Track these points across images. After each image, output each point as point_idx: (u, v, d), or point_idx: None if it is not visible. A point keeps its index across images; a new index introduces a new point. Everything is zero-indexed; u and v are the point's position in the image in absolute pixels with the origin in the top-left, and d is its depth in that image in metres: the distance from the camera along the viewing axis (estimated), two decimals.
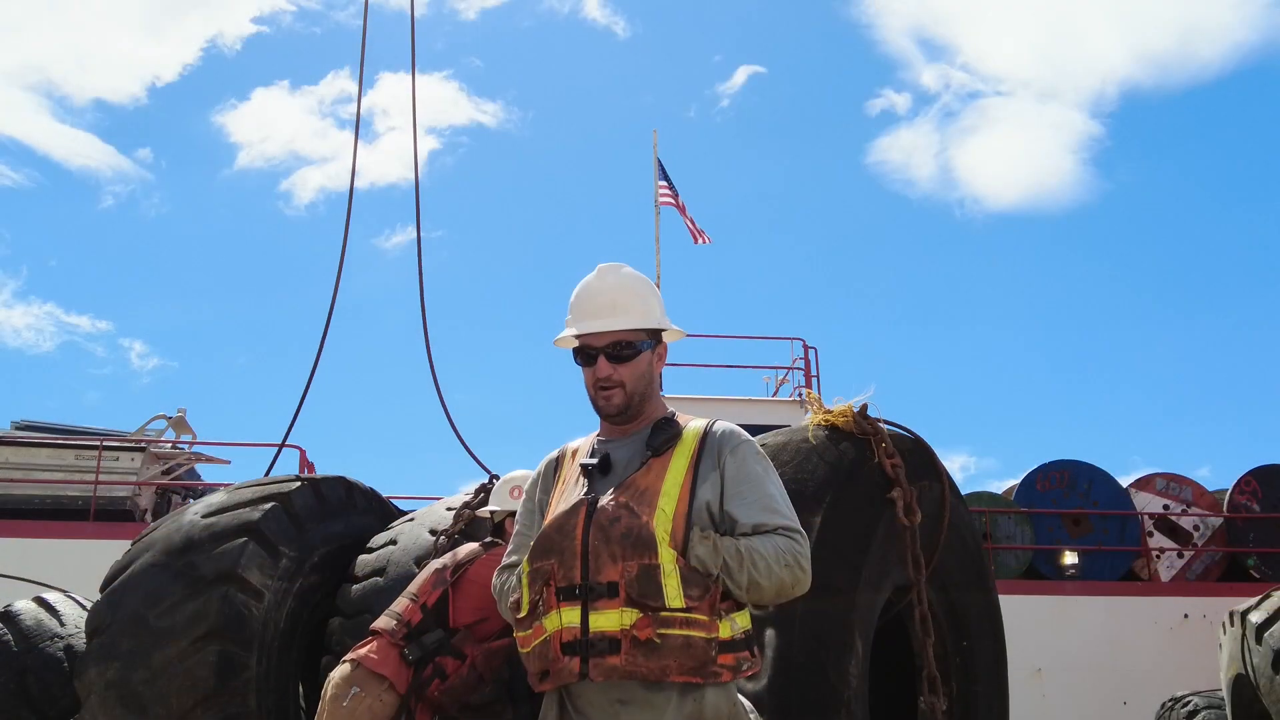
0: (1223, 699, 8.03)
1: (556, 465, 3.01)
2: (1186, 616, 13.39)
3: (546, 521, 2.77)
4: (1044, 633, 12.83)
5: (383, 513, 5.09)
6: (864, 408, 4.03)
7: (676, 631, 2.58)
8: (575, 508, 2.70)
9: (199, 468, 13.92)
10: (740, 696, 2.80)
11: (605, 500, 2.69)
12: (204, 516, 4.55)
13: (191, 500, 12.11)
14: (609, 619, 2.58)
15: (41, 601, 5.76)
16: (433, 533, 4.35)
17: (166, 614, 4.25)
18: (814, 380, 15.66)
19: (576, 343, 2.94)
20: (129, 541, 4.85)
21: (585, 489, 2.79)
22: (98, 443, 12.86)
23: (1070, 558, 14.25)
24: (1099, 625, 13.27)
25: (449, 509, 4.49)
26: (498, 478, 4.58)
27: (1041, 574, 14.23)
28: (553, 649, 2.61)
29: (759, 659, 2.75)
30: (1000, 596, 13.40)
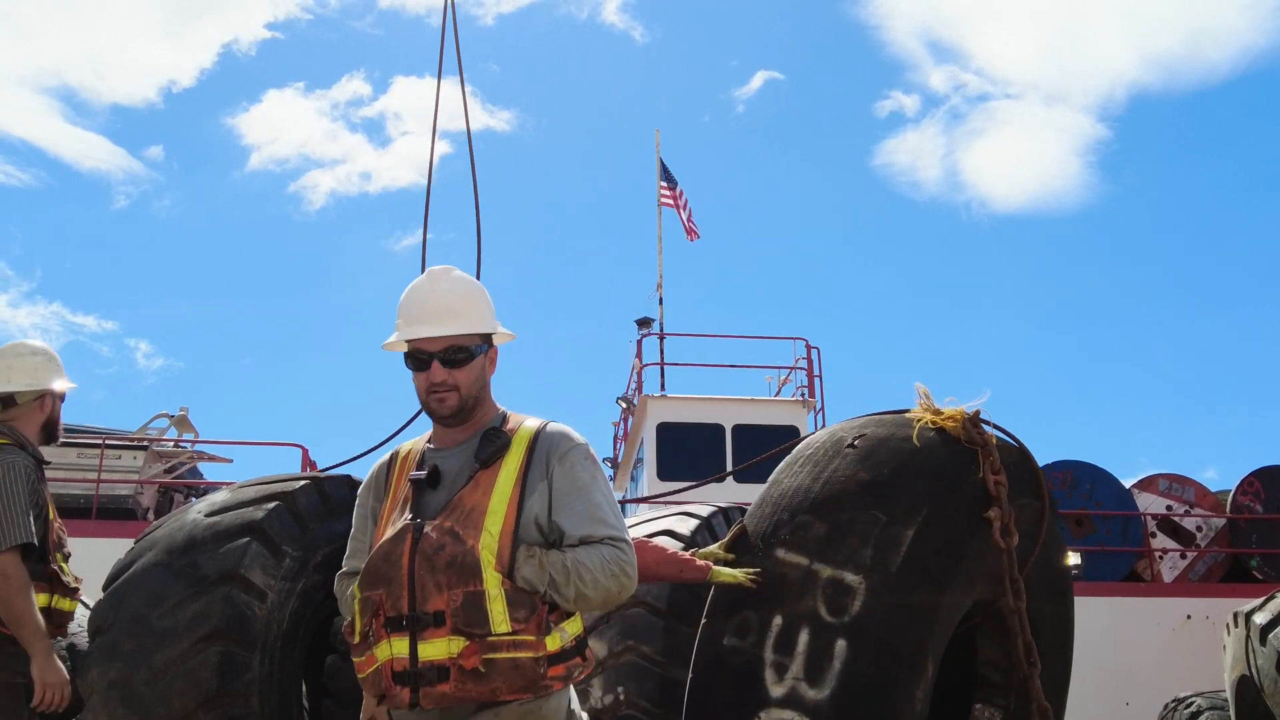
0: (1226, 700, 8.00)
1: (388, 471, 2.99)
2: (1189, 617, 13.37)
3: (375, 547, 2.77)
4: None
5: None
6: (976, 414, 3.76)
7: (504, 655, 2.61)
8: (401, 534, 2.71)
9: (201, 466, 13.91)
10: (578, 709, 2.84)
11: (430, 527, 2.69)
12: (206, 515, 4.53)
13: (194, 499, 12.10)
14: (437, 648, 2.62)
15: None
16: None
17: (169, 614, 4.23)
18: (816, 380, 15.64)
19: (406, 347, 2.91)
20: (131, 540, 4.83)
21: (411, 508, 2.77)
22: (100, 441, 12.84)
23: (1072, 558, 14.19)
24: (1101, 626, 13.22)
25: None
26: None
27: None
28: (384, 678, 2.66)
29: (590, 661, 2.80)
30: None
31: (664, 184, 18.67)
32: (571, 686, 2.77)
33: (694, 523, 4.46)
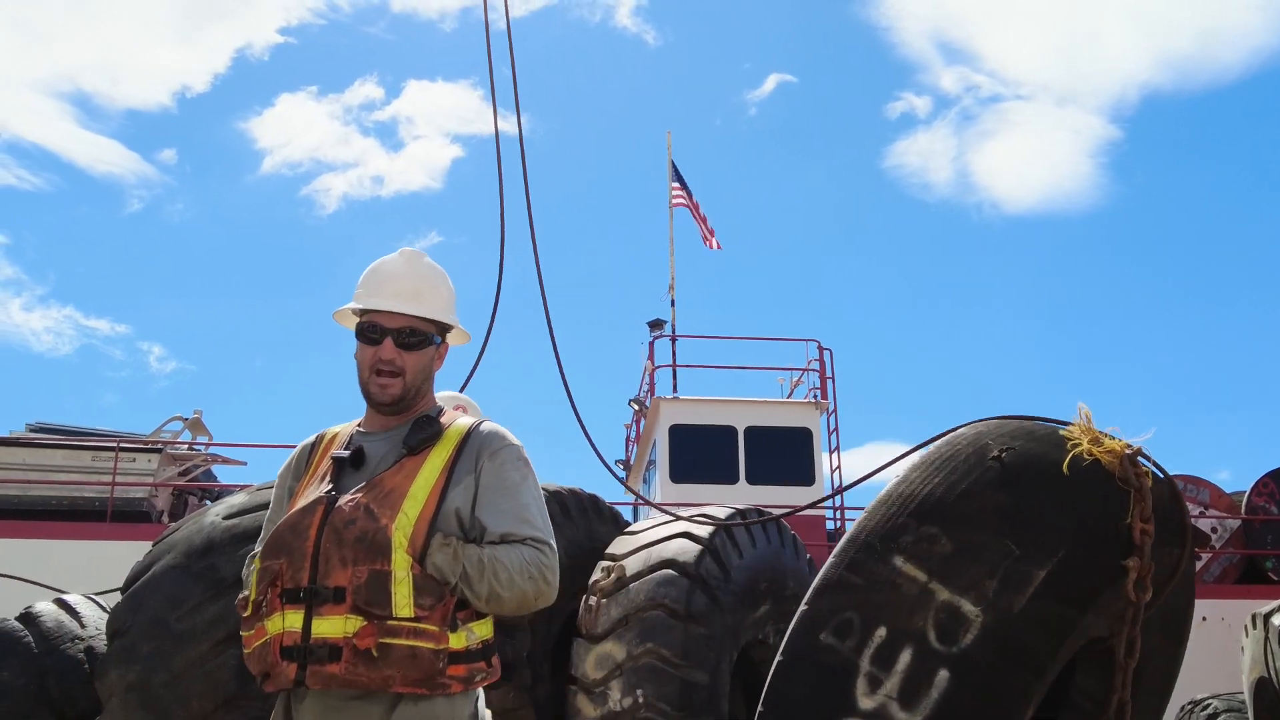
0: (1244, 702, 7.98)
1: (311, 451, 2.86)
2: (1204, 619, 13.30)
3: (283, 518, 2.65)
4: None
5: None
6: (1136, 452, 3.42)
7: (402, 641, 2.48)
8: (312, 506, 2.60)
9: (215, 469, 13.93)
10: (487, 711, 2.72)
11: (344, 500, 2.57)
12: (225, 518, 4.54)
13: (209, 502, 12.14)
14: (332, 625, 2.48)
15: (62, 603, 5.75)
16: None
17: (187, 617, 4.24)
18: (829, 382, 15.61)
19: (357, 319, 2.81)
20: (146, 543, 4.84)
21: (330, 484, 2.65)
22: (114, 444, 12.88)
23: None
24: None
25: None
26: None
27: None
28: (272, 653, 2.51)
29: (495, 669, 2.66)
30: None
31: (675, 185, 18.66)
32: (481, 695, 2.66)
33: (711, 525, 4.45)
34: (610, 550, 4.46)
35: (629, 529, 4.68)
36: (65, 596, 5.91)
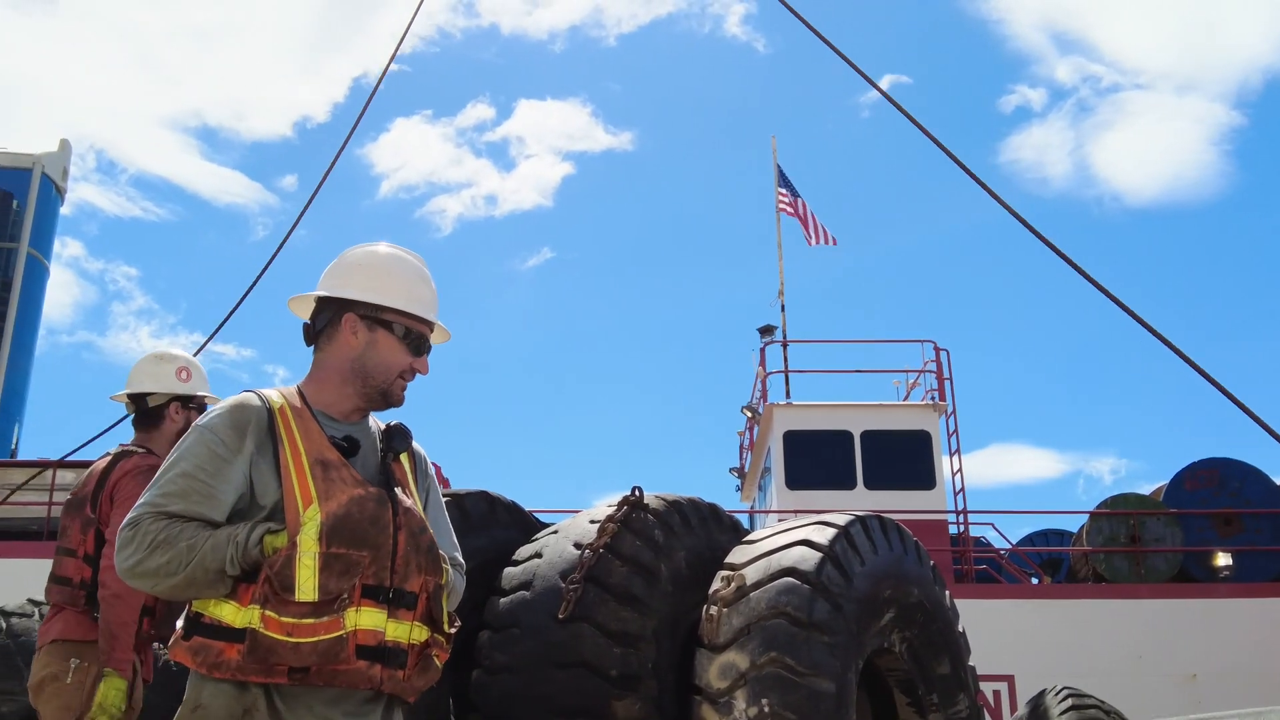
0: None
1: (270, 418, 2.55)
2: None
3: (345, 502, 2.44)
4: (1197, 637, 12.44)
5: (525, 526, 5.12)
6: None
7: (439, 654, 2.57)
8: (382, 500, 2.50)
9: None
10: None
11: (409, 503, 2.57)
12: None
13: None
14: (402, 630, 2.47)
15: None
16: (577, 546, 4.37)
17: None
18: (946, 383, 15.38)
19: (423, 327, 2.75)
20: None
21: (358, 475, 2.54)
22: None
23: (1223, 559, 13.78)
24: (1254, 628, 12.76)
25: (592, 521, 4.50)
26: (639, 489, 4.55)
27: (1193, 576, 13.77)
28: (348, 649, 2.37)
29: None
30: (1151, 600, 12.94)
31: (782, 190, 18.57)
32: None
33: (832, 532, 4.42)
34: (729, 559, 4.45)
35: (748, 537, 4.66)
36: None
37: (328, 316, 2.72)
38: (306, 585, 2.35)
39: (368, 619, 2.41)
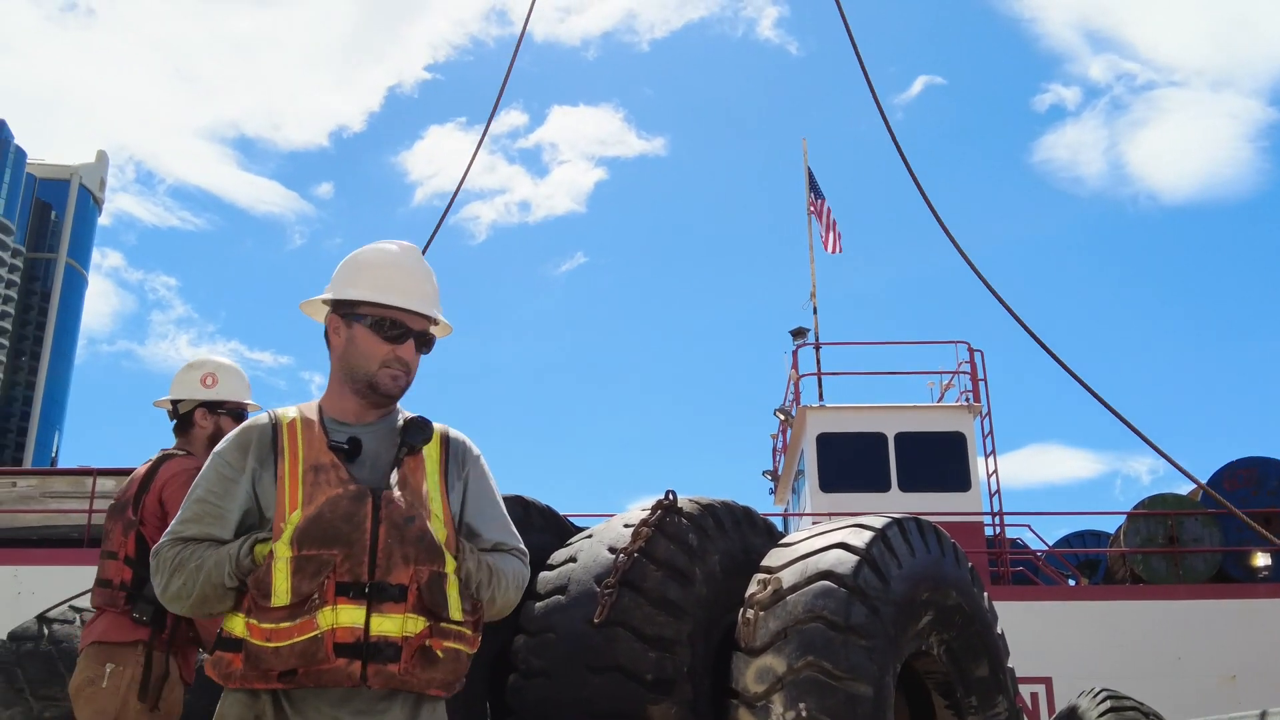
0: None
1: (274, 434, 2.62)
2: None
3: (320, 503, 2.47)
4: (1236, 637, 12.33)
5: (560, 530, 5.12)
6: None
7: (451, 644, 2.52)
8: (360, 495, 2.50)
9: None
10: None
11: (396, 495, 2.53)
12: None
13: None
14: (393, 624, 2.44)
15: None
16: (611, 550, 4.36)
17: None
18: (980, 384, 15.29)
19: (394, 314, 2.71)
20: None
21: (346, 475, 2.54)
22: None
23: (1262, 559, 13.64)
24: None
25: (626, 525, 4.50)
26: (673, 493, 4.55)
27: (1231, 577, 13.64)
28: (325, 648, 2.38)
29: None
30: (1190, 601, 12.83)
31: (812, 194, 18.56)
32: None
33: (869, 534, 4.40)
34: (765, 562, 4.43)
35: (783, 540, 4.65)
36: None
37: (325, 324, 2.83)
38: (281, 589, 2.41)
39: (345, 616, 2.42)
